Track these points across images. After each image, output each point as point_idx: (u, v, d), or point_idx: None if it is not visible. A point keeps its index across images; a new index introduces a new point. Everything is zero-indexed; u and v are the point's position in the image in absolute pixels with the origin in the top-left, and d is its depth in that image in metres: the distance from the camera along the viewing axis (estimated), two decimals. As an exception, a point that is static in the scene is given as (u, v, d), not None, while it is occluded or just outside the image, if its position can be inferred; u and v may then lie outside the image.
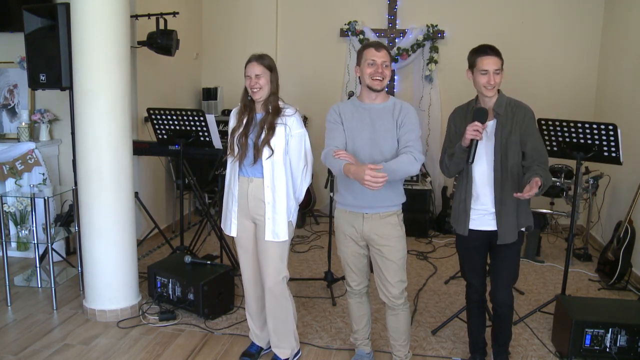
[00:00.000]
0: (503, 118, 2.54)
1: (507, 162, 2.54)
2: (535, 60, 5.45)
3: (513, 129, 2.53)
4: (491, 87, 2.50)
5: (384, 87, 2.56)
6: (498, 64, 2.50)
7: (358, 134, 2.57)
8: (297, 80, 5.88)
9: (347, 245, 2.68)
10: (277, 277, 2.75)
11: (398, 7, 5.66)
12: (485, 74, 2.49)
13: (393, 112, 2.55)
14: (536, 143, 2.56)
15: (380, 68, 2.49)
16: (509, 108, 2.56)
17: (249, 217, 2.77)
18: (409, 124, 2.53)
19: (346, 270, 2.76)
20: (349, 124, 2.60)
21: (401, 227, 2.64)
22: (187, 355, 3.02)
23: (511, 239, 2.60)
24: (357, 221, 2.61)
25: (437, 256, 4.72)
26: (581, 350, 2.92)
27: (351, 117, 2.60)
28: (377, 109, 2.57)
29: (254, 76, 2.65)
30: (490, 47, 2.52)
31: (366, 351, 2.92)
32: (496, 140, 2.55)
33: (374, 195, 2.53)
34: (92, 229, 3.33)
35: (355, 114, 2.59)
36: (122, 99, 3.28)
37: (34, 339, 3.16)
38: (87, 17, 3.14)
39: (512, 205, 2.57)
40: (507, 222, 2.58)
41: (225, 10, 5.96)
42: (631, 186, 4.25)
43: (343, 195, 2.65)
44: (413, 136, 2.51)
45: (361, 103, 2.61)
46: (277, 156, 2.66)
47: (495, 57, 2.50)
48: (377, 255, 2.62)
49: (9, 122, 4.62)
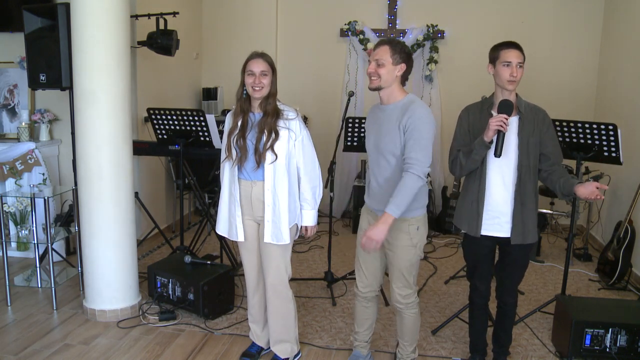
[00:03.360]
0: (525, 117, 2.54)
1: (529, 161, 2.53)
2: (535, 60, 5.44)
3: (535, 129, 2.52)
4: (514, 79, 2.47)
5: (380, 86, 2.44)
6: (520, 58, 2.49)
7: (367, 138, 2.60)
8: (297, 80, 5.88)
9: None
10: (279, 278, 2.74)
11: (398, 7, 5.66)
12: (508, 66, 2.47)
13: (398, 113, 2.43)
14: (557, 147, 2.58)
15: (372, 67, 2.44)
16: (528, 108, 2.56)
17: (254, 218, 2.76)
18: (413, 131, 2.37)
19: (357, 271, 2.74)
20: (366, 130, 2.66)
21: (411, 236, 2.50)
22: (187, 355, 3.02)
23: (532, 239, 2.60)
24: (373, 221, 2.58)
25: (437, 256, 4.72)
26: (581, 350, 2.92)
27: (369, 121, 2.64)
28: (387, 111, 2.50)
29: (259, 73, 2.57)
30: (513, 42, 2.53)
31: (363, 353, 2.91)
32: (519, 139, 2.53)
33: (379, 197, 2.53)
34: (92, 229, 3.33)
35: (371, 117, 2.62)
36: (122, 99, 3.28)
37: (34, 339, 3.15)
38: (87, 17, 3.14)
39: (531, 206, 2.57)
40: (528, 223, 2.57)
41: (225, 10, 5.96)
42: (631, 186, 4.25)
43: (365, 194, 2.70)
44: (416, 149, 2.36)
45: (378, 105, 2.60)
46: (279, 160, 2.63)
47: (518, 51, 2.50)
48: (388, 258, 2.62)
49: (9, 122, 4.62)
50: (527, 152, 2.52)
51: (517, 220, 2.56)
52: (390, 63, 2.42)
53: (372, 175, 2.61)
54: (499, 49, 2.53)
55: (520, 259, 2.67)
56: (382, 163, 2.51)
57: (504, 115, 2.43)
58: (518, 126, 2.53)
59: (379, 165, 2.52)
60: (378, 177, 2.55)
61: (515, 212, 2.56)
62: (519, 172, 2.54)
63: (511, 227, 2.57)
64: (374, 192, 2.59)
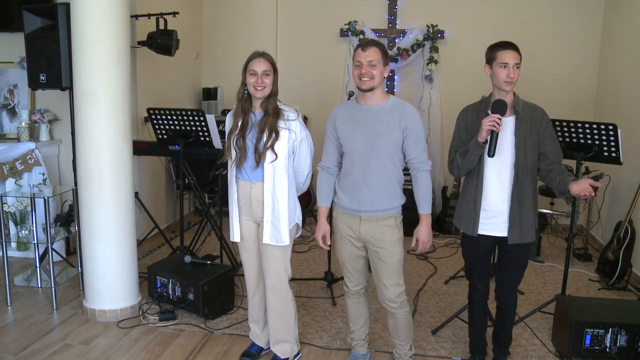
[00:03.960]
0: (522, 116, 2.53)
1: (527, 161, 2.53)
2: (535, 60, 5.45)
3: (532, 128, 2.52)
4: (511, 80, 2.48)
5: (373, 87, 2.45)
6: (517, 59, 2.49)
7: (351, 138, 2.54)
8: (297, 80, 5.88)
9: (344, 246, 2.67)
10: (278, 278, 2.74)
11: (398, 7, 5.66)
12: (505, 67, 2.47)
13: (392, 114, 2.48)
14: (556, 146, 2.57)
15: (365, 68, 2.42)
16: (526, 108, 2.56)
17: (252, 218, 2.76)
18: (413, 132, 2.48)
19: (344, 271, 2.76)
20: (342, 130, 2.57)
21: (399, 229, 2.59)
22: (187, 355, 3.02)
23: (530, 238, 2.59)
24: (354, 223, 2.59)
25: (437, 256, 4.72)
26: (581, 350, 2.92)
27: (345, 121, 2.57)
28: (373, 111, 2.51)
29: (261, 72, 2.57)
30: (510, 42, 2.52)
31: (361, 352, 2.92)
32: (516, 138, 2.52)
33: (369, 199, 2.53)
34: (92, 229, 3.33)
35: (350, 118, 2.56)
36: (122, 99, 3.28)
37: (34, 339, 3.15)
38: (87, 17, 3.14)
39: (529, 206, 2.56)
40: (525, 223, 2.56)
41: (225, 10, 5.96)
42: (631, 186, 4.25)
43: (340, 197, 2.64)
44: (421, 147, 2.51)
45: (357, 105, 2.57)
46: (279, 160, 2.63)
47: (515, 52, 2.49)
48: (374, 258, 2.61)
49: (9, 122, 4.62)
50: (525, 151, 2.52)
51: (514, 219, 2.56)
52: (382, 64, 2.46)
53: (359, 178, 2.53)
54: (495, 49, 2.52)
55: (519, 258, 2.66)
56: (376, 164, 2.50)
57: (496, 116, 2.43)
58: (515, 126, 2.53)
59: (371, 166, 2.50)
60: (369, 180, 2.51)
61: (513, 212, 2.56)
62: (516, 171, 2.53)
63: (508, 226, 2.57)
64: (361, 194, 2.53)
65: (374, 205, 2.53)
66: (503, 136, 2.51)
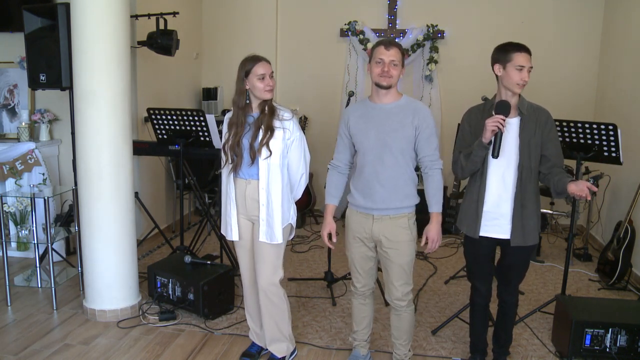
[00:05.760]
0: (527, 118, 2.52)
1: (531, 163, 2.52)
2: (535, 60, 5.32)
3: (536, 130, 2.51)
4: (524, 83, 2.47)
5: (391, 85, 2.50)
6: (531, 62, 2.49)
7: (364, 134, 2.55)
8: (297, 80, 5.88)
9: (355, 246, 2.67)
10: (270, 278, 2.75)
11: (398, 7, 5.66)
12: (521, 70, 2.47)
13: (406, 112, 2.51)
14: (558, 149, 2.56)
15: (387, 67, 2.45)
16: (530, 109, 2.55)
17: (247, 217, 2.77)
18: (426, 129, 2.51)
19: (352, 271, 2.76)
20: (355, 127, 2.59)
21: (411, 230, 2.59)
22: (187, 355, 3.02)
23: (533, 241, 2.58)
24: (367, 222, 2.59)
25: (437, 256, 4.72)
26: (581, 350, 2.92)
27: (359, 119, 2.59)
28: (387, 109, 2.53)
29: (269, 74, 2.63)
30: (524, 45, 2.51)
31: (362, 353, 2.91)
32: (520, 140, 2.51)
33: (383, 197, 2.53)
34: (92, 229, 3.33)
35: (363, 116, 2.58)
36: (122, 99, 3.28)
37: (34, 339, 3.16)
38: (87, 17, 3.14)
39: (532, 208, 2.55)
40: (528, 225, 2.55)
41: (225, 10, 5.96)
42: (631, 186, 4.25)
43: (354, 196, 2.64)
44: (433, 146, 2.54)
45: (371, 103, 2.59)
46: (274, 159, 2.64)
47: (529, 55, 2.49)
48: (384, 257, 2.62)
49: (9, 122, 4.62)
50: (529, 153, 2.51)
51: (517, 221, 2.55)
52: (401, 65, 2.51)
53: (371, 174, 2.55)
54: (510, 51, 2.48)
55: (521, 260, 2.66)
56: (388, 160, 2.51)
57: (500, 116, 2.42)
58: (519, 127, 2.52)
59: (383, 162, 2.51)
60: (381, 176, 2.53)
61: (515, 214, 2.55)
62: (520, 173, 2.53)
63: (511, 228, 2.57)
64: (373, 191, 2.54)
65: (386, 202, 2.53)
66: (507, 137, 2.50)
